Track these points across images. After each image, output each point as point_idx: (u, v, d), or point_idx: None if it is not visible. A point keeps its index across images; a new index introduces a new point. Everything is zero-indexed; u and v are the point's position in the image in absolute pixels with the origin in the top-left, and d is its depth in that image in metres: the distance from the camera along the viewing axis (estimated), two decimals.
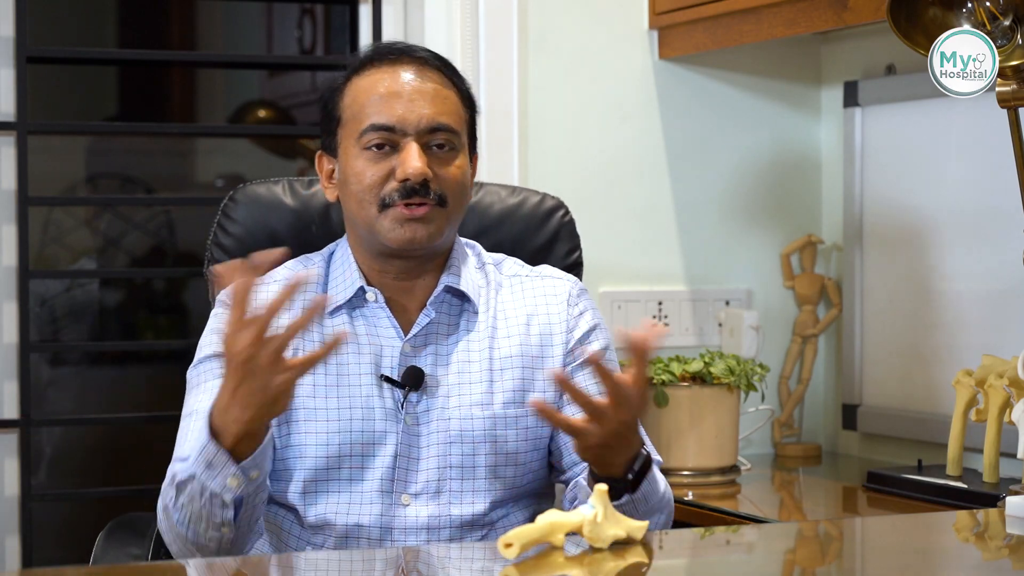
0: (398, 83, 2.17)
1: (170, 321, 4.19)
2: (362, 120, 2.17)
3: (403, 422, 2.16)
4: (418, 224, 2.15)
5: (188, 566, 1.93)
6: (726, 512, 2.72)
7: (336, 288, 2.22)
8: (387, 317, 2.21)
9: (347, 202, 2.20)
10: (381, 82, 2.18)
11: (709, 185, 3.31)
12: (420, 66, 2.20)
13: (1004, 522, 2.03)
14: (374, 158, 2.16)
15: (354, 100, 2.19)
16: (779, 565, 1.92)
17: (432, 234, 2.16)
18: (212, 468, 1.95)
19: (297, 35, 4.25)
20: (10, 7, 2.99)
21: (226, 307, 2.16)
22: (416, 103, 2.16)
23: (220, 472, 1.95)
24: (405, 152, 2.14)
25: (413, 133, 2.15)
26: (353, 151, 2.17)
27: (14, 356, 3.02)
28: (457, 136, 2.19)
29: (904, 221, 3.15)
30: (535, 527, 1.75)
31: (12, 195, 3.01)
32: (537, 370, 2.23)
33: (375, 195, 2.15)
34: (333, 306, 2.21)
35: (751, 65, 3.34)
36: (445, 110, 2.18)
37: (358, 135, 2.16)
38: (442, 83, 2.20)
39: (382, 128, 2.15)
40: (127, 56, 3.98)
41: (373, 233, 2.17)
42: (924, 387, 3.08)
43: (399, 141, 2.15)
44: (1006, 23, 2.35)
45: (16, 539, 3.02)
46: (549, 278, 2.31)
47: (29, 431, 3.01)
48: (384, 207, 2.15)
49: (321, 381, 2.17)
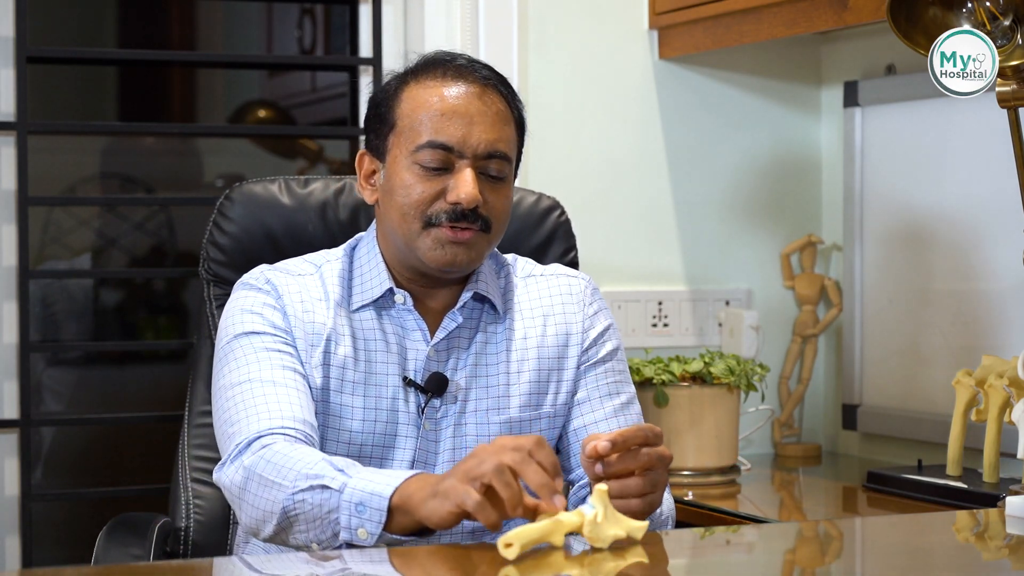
0: (462, 101, 2.12)
1: (170, 321, 4.19)
2: (420, 133, 2.12)
3: (422, 427, 2.16)
4: (460, 248, 2.12)
5: (191, 566, 1.92)
6: (726, 512, 2.72)
7: (362, 285, 2.20)
8: (415, 319, 2.19)
9: (388, 211, 2.16)
10: (443, 96, 2.13)
11: (709, 185, 3.31)
12: (483, 85, 2.15)
13: (1004, 522, 2.03)
14: (426, 175, 2.12)
15: (413, 110, 2.14)
16: (779, 565, 1.92)
17: (473, 260, 2.15)
18: (360, 509, 1.90)
19: (297, 35, 4.24)
20: (10, 7, 2.99)
21: (255, 289, 2.15)
22: (477, 126, 2.12)
23: (364, 518, 1.90)
24: (460, 176, 2.11)
25: (470, 157, 2.11)
26: (404, 162, 2.13)
27: (14, 356, 3.02)
28: (509, 164, 2.16)
29: (904, 221, 3.15)
30: (535, 527, 1.75)
31: (12, 195, 3.01)
32: (553, 371, 2.23)
33: (421, 212, 2.12)
34: (360, 304, 2.20)
35: (751, 65, 3.34)
36: (504, 137, 2.14)
37: (413, 148, 2.12)
38: (504, 107, 2.16)
39: (440, 147, 2.11)
40: (127, 56, 3.98)
41: (412, 248, 2.14)
42: (924, 387, 3.08)
43: (455, 162, 2.12)
44: (1006, 23, 2.35)
45: (16, 539, 3.03)
46: (563, 276, 2.31)
47: (29, 431, 3.01)
48: (428, 225, 2.12)
49: (351, 376, 2.16)
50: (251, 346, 2.13)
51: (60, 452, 3.73)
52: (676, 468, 2.97)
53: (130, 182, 4.18)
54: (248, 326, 2.14)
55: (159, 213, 4.08)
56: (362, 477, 1.93)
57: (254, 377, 2.09)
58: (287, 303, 2.16)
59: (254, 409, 2.06)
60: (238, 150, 4.27)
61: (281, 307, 2.16)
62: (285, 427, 2.05)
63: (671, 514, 2.17)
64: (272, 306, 2.16)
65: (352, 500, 1.91)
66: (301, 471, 1.96)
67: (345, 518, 1.92)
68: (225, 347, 2.16)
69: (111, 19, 4.44)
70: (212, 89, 4.53)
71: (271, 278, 2.19)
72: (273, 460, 1.99)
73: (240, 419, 2.07)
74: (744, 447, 3.23)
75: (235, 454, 2.04)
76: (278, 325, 2.15)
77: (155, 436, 3.19)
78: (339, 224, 2.52)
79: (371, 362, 2.17)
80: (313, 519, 1.95)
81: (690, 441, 2.97)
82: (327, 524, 1.94)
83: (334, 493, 1.93)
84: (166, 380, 3.84)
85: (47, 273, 3.66)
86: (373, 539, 1.91)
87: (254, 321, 2.15)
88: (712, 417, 2.97)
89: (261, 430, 2.04)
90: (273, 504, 1.97)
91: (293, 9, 4.17)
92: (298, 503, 1.96)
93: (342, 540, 1.93)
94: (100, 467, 3.81)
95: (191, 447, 2.50)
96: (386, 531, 1.90)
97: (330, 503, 1.93)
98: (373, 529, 1.90)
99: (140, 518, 2.42)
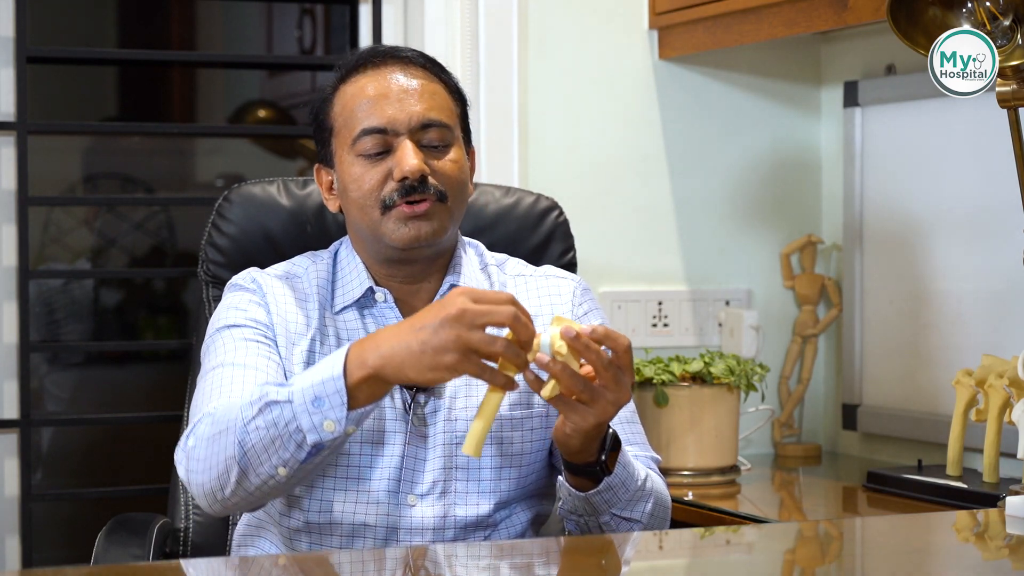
0: (385, 85, 2.17)
1: (170, 321, 4.19)
2: (353, 126, 2.16)
3: (410, 423, 2.16)
4: (421, 221, 2.14)
5: (190, 566, 1.93)
6: (726, 512, 2.72)
7: (343, 287, 2.22)
8: (396, 317, 2.21)
9: (349, 209, 2.20)
10: (368, 86, 2.17)
11: (709, 185, 3.31)
12: (404, 65, 2.19)
13: (1004, 522, 2.03)
14: (370, 162, 2.15)
15: (344, 108, 2.18)
16: (779, 565, 1.92)
17: (436, 230, 2.16)
18: (318, 403, 1.90)
19: (297, 35, 4.25)
20: (10, 7, 2.99)
21: (243, 289, 2.17)
22: (405, 102, 2.16)
23: (325, 410, 1.90)
24: (400, 151, 2.14)
25: (405, 132, 2.15)
26: (348, 158, 2.17)
27: (14, 356, 3.02)
28: (449, 130, 2.18)
29: (904, 221, 3.15)
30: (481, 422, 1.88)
31: (12, 195, 3.01)
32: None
33: (376, 198, 2.15)
34: (342, 305, 2.21)
35: (751, 65, 3.34)
36: (434, 105, 2.17)
37: (351, 142, 2.16)
38: (428, 79, 2.20)
39: (374, 131, 2.15)
40: (127, 56, 3.99)
41: (378, 236, 2.17)
42: (924, 387, 3.08)
43: (392, 142, 2.15)
44: (1006, 23, 2.35)
45: (16, 539, 3.02)
46: (553, 277, 2.31)
47: (29, 431, 3.01)
48: (386, 209, 2.14)
49: None
50: (231, 337, 2.16)
51: (60, 452, 3.74)
52: (676, 468, 2.97)
53: (130, 182, 4.18)
54: (230, 320, 2.18)
55: (159, 213, 4.08)
56: (303, 376, 1.93)
57: (227, 362, 2.11)
58: (270, 301, 2.19)
59: (219, 390, 2.07)
60: (237, 150, 4.28)
61: (264, 304, 2.19)
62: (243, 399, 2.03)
63: (656, 487, 2.16)
64: (256, 303, 2.19)
65: (306, 399, 1.91)
66: (243, 405, 1.96)
67: (306, 420, 1.91)
68: (207, 341, 2.20)
69: (111, 19, 4.45)
70: (212, 89, 4.53)
71: (257, 278, 2.23)
72: (215, 415, 2.00)
73: (204, 400, 2.08)
74: (744, 447, 3.23)
75: (188, 432, 2.03)
76: (260, 320, 2.17)
77: (155, 436, 3.19)
78: (337, 225, 2.52)
79: None
80: (272, 440, 1.93)
81: (690, 441, 2.97)
82: (288, 438, 1.92)
83: (284, 404, 1.92)
84: (166, 380, 3.84)
85: (47, 273, 3.67)
86: (341, 426, 1.90)
87: (236, 316, 2.18)
88: (712, 417, 2.97)
89: (218, 405, 2.03)
90: (226, 448, 1.96)
91: (293, 9, 4.17)
92: (252, 432, 1.94)
93: (310, 445, 1.91)
94: (100, 467, 3.82)
95: None
96: (351, 410, 1.90)
97: (285, 415, 1.92)
98: (338, 415, 1.89)
99: (140, 518, 2.42)
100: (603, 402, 1.94)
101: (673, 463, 2.97)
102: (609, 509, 2.08)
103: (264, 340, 2.16)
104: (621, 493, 2.06)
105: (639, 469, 2.11)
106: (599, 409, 1.94)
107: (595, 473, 2.04)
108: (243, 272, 2.25)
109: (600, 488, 2.04)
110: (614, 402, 1.94)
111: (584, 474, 2.04)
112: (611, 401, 1.94)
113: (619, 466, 2.05)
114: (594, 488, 2.05)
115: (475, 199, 2.58)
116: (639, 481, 2.09)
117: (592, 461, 2.03)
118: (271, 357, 2.14)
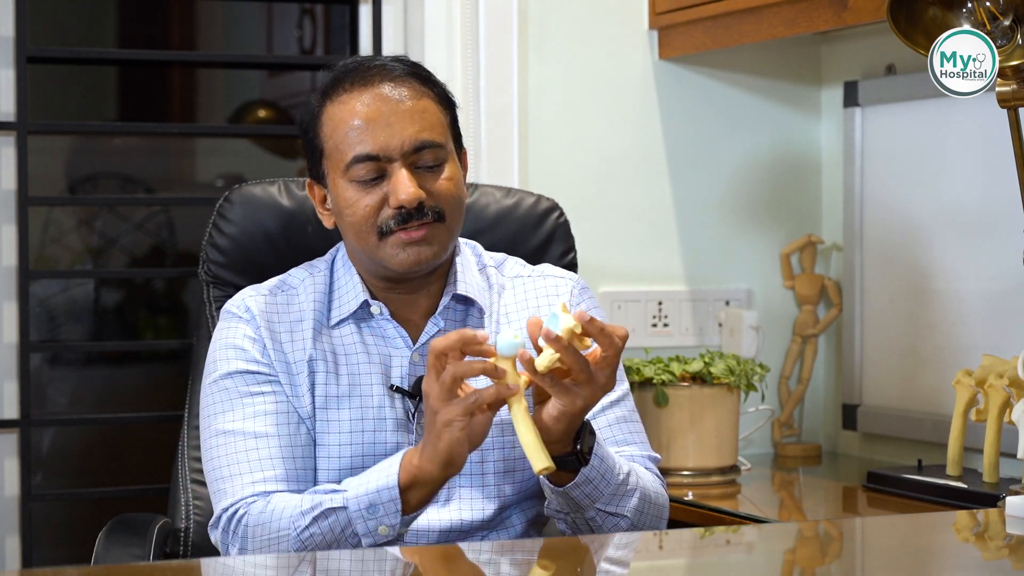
0: (373, 106, 2.12)
1: (170, 321, 4.19)
2: (345, 151, 2.13)
3: (414, 432, 2.16)
4: (421, 246, 2.13)
5: (190, 566, 1.93)
6: (726, 512, 2.72)
7: (339, 300, 2.22)
8: (394, 328, 2.20)
9: (345, 231, 2.19)
10: (356, 108, 2.13)
11: (709, 185, 3.31)
12: (391, 81, 2.15)
13: (1004, 522, 2.03)
14: (364, 188, 2.13)
15: (334, 131, 2.15)
16: (779, 565, 1.92)
17: (437, 252, 2.15)
18: (372, 509, 1.99)
19: (297, 35, 4.24)
20: (10, 7, 2.99)
21: (237, 319, 2.17)
22: (395, 125, 2.12)
23: (380, 516, 1.99)
24: (395, 179, 2.11)
25: (399, 157, 2.12)
26: (341, 182, 2.15)
27: (14, 356, 3.02)
28: (442, 148, 2.15)
29: (904, 221, 3.15)
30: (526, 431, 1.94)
31: (12, 195, 3.01)
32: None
33: (372, 224, 2.13)
34: (338, 319, 2.21)
35: (751, 65, 3.34)
36: (425, 125, 2.13)
37: (344, 168, 2.13)
38: (417, 94, 2.15)
39: (367, 158, 2.12)
40: (127, 56, 3.98)
41: (376, 260, 2.16)
42: (924, 387, 3.08)
43: (386, 168, 2.12)
44: (1006, 23, 2.34)
45: (16, 539, 3.02)
46: (551, 277, 2.31)
47: (29, 431, 3.01)
48: (383, 235, 2.13)
49: (334, 392, 2.17)
50: (235, 389, 2.16)
51: (60, 452, 3.73)
52: (676, 468, 2.97)
53: (130, 182, 4.18)
54: (232, 364, 2.17)
55: (159, 213, 4.08)
56: (356, 484, 2.00)
57: (237, 429, 2.13)
58: (265, 335, 2.18)
59: (236, 467, 2.11)
60: (237, 150, 4.27)
61: (260, 338, 2.18)
62: (267, 490, 2.10)
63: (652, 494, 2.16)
64: (251, 338, 2.18)
65: (361, 507, 1.98)
66: (294, 516, 2.03)
67: (362, 526, 1.98)
68: (211, 386, 2.19)
69: (111, 19, 4.44)
70: (212, 89, 4.52)
71: (251, 306, 2.21)
72: (261, 521, 2.06)
73: (224, 476, 2.12)
74: (744, 447, 3.23)
75: (224, 524, 2.10)
76: (260, 360, 2.17)
77: (155, 436, 3.19)
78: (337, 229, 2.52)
79: (354, 374, 2.18)
80: (328, 544, 2.00)
81: (690, 441, 2.97)
82: (344, 541, 2.00)
83: (339, 511, 2.00)
84: (166, 380, 3.84)
85: (47, 273, 3.66)
86: (395, 530, 1.99)
87: (235, 360, 2.17)
88: (712, 417, 2.97)
89: (245, 496, 2.09)
90: (280, 552, 2.03)
91: (293, 9, 4.17)
92: (307, 540, 2.02)
93: (365, 546, 1.99)
94: (100, 467, 3.81)
95: (191, 447, 2.50)
96: (404, 515, 1.98)
97: (340, 521, 1.99)
98: (392, 521, 1.98)
99: (140, 518, 2.42)
100: (594, 386, 1.96)
101: (673, 463, 2.96)
102: (593, 504, 2.07)
103: (267, 388, 2.16)
104: (602, 487, 2.06)
105: (620, 463, 2.11)
106: (589, 392, 1.97)
107: (572, 463, 2.04)
108: (237, 297, 2.24)
109: (578, 481, 2.04)
110: (603, 387, 1.98)
111: (562, 466, 2.04)
112: (601, 386, 1.97)
113: (596, 458, 2.05)
114: (572, 483, 2.05)
115: (475, 200, 2.58)
116: (620, 475, 2.09)
117: (569, 451, 2.03)
118: (278, 411, 2.15)
